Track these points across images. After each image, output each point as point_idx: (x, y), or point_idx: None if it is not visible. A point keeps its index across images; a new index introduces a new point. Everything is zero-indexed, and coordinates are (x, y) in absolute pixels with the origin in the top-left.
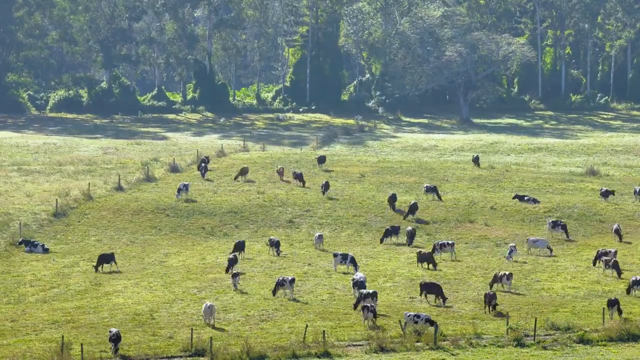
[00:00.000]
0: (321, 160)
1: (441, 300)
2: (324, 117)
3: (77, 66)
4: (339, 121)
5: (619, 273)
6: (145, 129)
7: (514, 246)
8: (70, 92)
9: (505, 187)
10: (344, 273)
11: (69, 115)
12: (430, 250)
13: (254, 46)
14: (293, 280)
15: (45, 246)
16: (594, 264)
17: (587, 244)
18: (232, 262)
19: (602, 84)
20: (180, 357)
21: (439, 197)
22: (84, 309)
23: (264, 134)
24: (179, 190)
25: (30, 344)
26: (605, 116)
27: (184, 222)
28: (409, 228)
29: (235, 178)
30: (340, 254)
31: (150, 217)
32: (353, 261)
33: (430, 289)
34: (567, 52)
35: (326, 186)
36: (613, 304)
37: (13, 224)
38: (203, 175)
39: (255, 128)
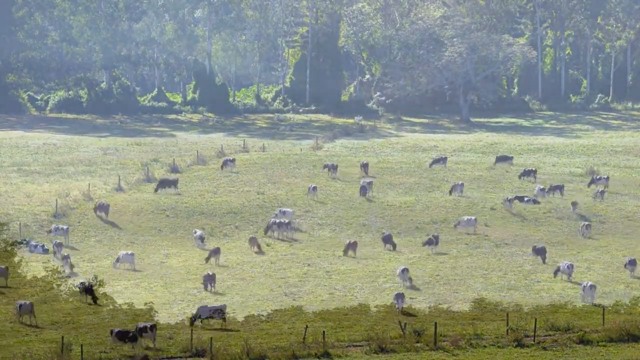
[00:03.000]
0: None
1: None
2: (324, 118)
3: (77, 67)
4: (339, 121)
5: None
6: (146, 130)
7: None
8: (70, 92)
9: (505, 188)
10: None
11: (69, 116)
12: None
13: (254, 47)
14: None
15: (45, 246)
16: None
17: (587, 245)
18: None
19: (602, 85)
20: (181, 357)
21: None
22: (84, 310)
23: (264, 135)
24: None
25: (30, 344)
26: (605, 116)
27: (184, 222)
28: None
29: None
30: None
31: (150, 218)
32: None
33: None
34: (567, 52)
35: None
36: None
37: (13, 225)
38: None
39: (255, 128)
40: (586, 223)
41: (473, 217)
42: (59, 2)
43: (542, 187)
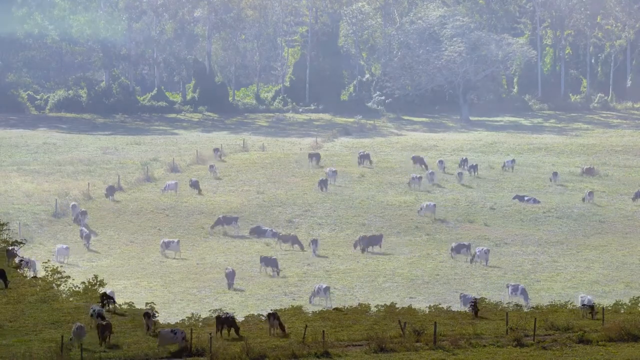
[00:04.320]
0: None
1: None
2: (324, 117)
3: (77, 66)
4: (339, 121)
5: None
6: (145, 129)
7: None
8: (70, 92)
9: (505, 187)
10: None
11: (69, 115)
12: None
13: (254, 46)
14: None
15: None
16: None
17: (586, 244)
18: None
19: (602, 84)
20: (180, 357)
21: None
22: (84, 309)
23: (264, 134)
24: None
25: (30, 344)
26: (605, 116)
27: (183, 222)
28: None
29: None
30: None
31: (150, 217)
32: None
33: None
34: (566, 52)
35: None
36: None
37: (13, 224)
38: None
39: (255, 128)
40: (589, 191)
41: (432, 203)
42: (59, 1)
43: (441, 159)
